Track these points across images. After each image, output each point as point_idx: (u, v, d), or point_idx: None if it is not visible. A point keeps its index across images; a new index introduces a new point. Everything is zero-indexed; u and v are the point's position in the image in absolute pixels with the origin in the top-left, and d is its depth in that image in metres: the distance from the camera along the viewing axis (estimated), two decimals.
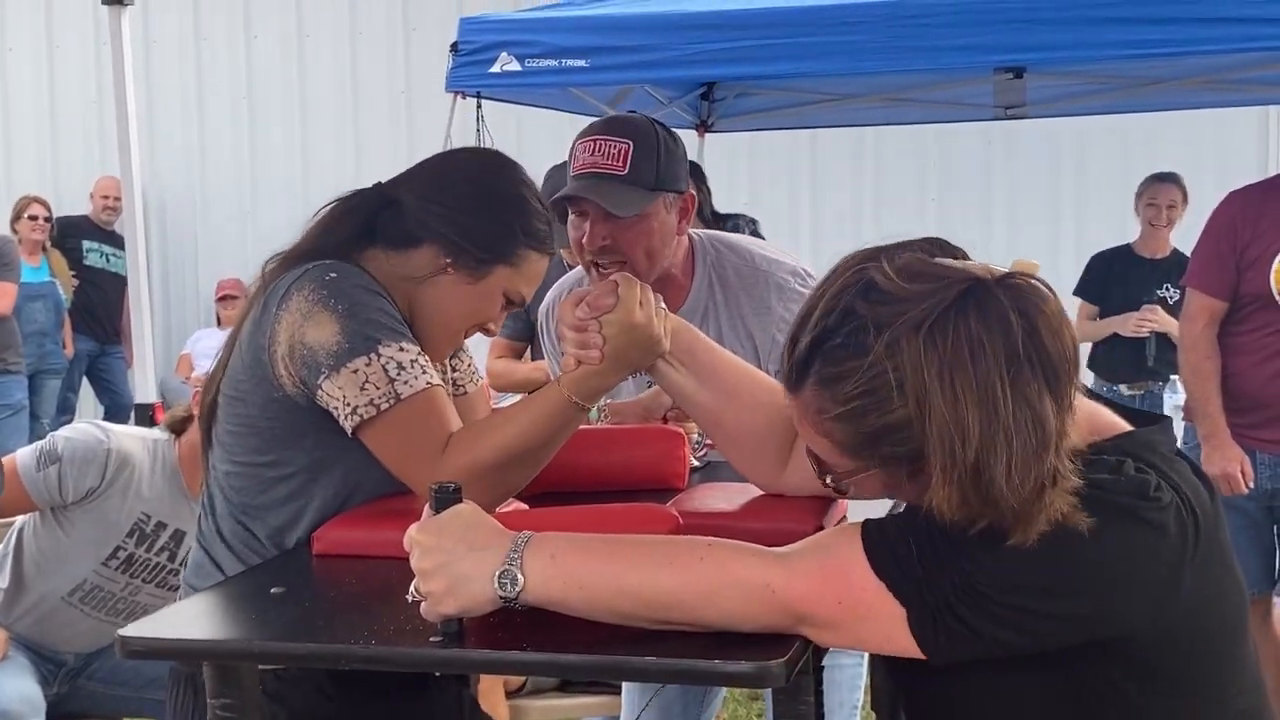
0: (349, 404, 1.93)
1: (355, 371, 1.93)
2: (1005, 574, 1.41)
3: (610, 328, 1.92)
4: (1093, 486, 1.43)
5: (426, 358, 2.01)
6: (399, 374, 1.94)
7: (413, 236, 2.09)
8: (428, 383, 1.96)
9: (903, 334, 1.40)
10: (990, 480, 1.38)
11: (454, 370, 2.34)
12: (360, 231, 2.11)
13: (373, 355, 1.94)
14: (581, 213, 2.68)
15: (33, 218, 8.46)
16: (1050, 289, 1.46)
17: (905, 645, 1.45)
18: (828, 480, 1.56)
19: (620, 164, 2.64)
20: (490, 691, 3.65)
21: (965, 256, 1.50)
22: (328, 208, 2.16)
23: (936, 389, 1.39)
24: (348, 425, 1.95)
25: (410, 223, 2.09)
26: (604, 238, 2.65)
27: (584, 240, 2.68)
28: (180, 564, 3.33)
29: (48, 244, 8.55)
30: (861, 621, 1.46)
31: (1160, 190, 6.10)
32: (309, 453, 2.03)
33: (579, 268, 2.89)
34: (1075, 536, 1.40)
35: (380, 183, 2.18)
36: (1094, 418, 1.57)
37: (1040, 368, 1.40)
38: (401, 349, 1.96)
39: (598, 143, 2.67)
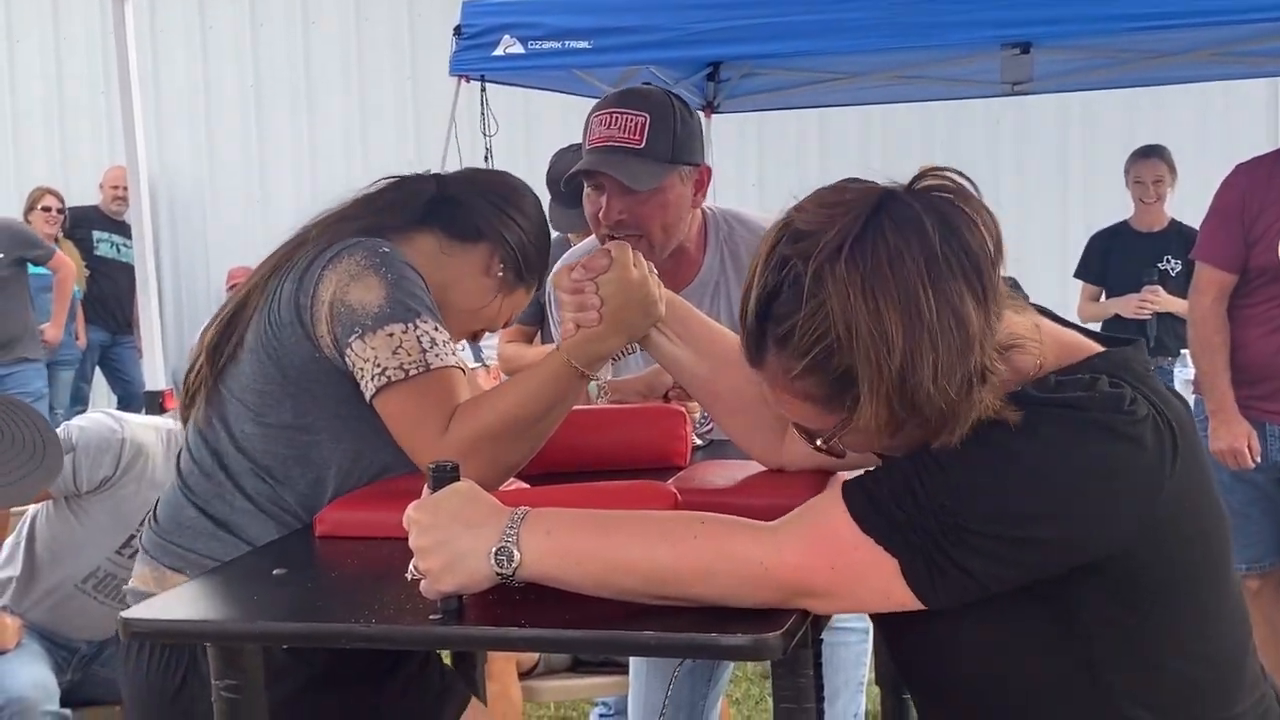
0: (379, 364, 1.95)
1: (391, 335, 1.96)
2: (987, 505, 1.41)
3: (607, 287, 1.93)
4: (1066, 405, 1.43)
5: (454, 345, 2.04)
6: (432, 347, 1.97)
7: (479, 233, 2.20)
8: (456, 363, 1.99)
9: (824, 262, 1.41)
10: (916, 385, 1.39)
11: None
12: (421, 213, 2.19)
13: (410, 325, 1.97)
14: (598, 186, 2.67)
15: (46, 209, 8.50)
16: (969, 182, 1.46)
17: (903, 598, 1.45)
18: (819, 444, 1.55)
19: (637, 137, 2.63)
20: (503, 672, 3.66)
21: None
22: (386, 182, 2.24)
23: (860, 306, 1.39)
24: (371, 386, 1.97)
25: (479, 220, 2.20)
26: (620, 212, 2.64)
27: (600, 214, 2.68)
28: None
29: (60, 235, 8.58)
30: (857, 582, 1.45)
31: (1145, 167, 6.10)
32: (345, 422, 2.05)
33: (590, 238, 2.89)
34: (1052, 458, 1.40)
35: (438, 174, 2.29)
36: (1063, 340, 1.56)
37: (960, 266, 1.41)
38: (436, 329, 2.00)
39: (614, 115, 2.66)
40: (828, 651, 2.76)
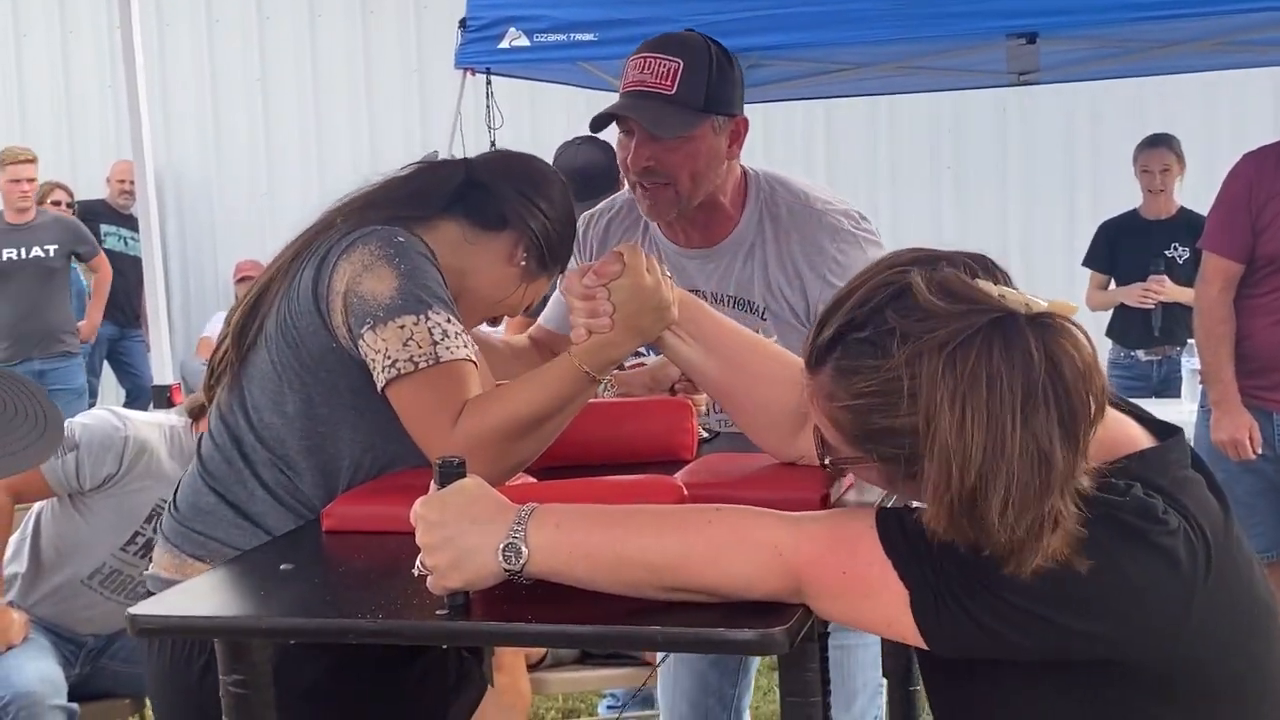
0: (389, 356, 1.95)
1: (402, 327, 1.96)
2: (1019, 583, 1.40)
3: (620, 293, 1.92)
4: (1101, 505, 1.42)
5: (469, 336, 2.03)
6: (443, 338, 1.97)
7: (504, 221, 2.20)
8: (467, 355, 1.98)
9: (925, 350, 1.40)
10: (985, 510, 1.37)
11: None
12: (448, 201, 2.19)
13: (422, 316, 1.97)
14: (628, 131, 2.64)
15: (55, 203, 8.51)
16: (1084, 333, 1.44)
17: (905, 629, 1.45)
18: (827, 461, 1.57)
19: (668, 83, 2.58)
20: (512, 665, 3.66)
21: (1008, 281, 1.49)
22: (415, 167, 2.25)
23: (946, 410, 1.38)
24: (382, 377, 1.97)
25: (505, 209, 2.20)
26: (648, 158, 2.61)
27: (629, 160, 2.65)
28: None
29: None
30: (863, 596, 1.45)
31: (1152, 156, 6.09)
32: (360, 412, 2.05)
33: (625, 191, 2.87)
34: (1089, 554, 1.40)
35: (465, 159, 2.29)
36: (1108, 433, 1.53)
37: (1057, 409, 1.38)
38: (449, 320, 1.99)
39: (647, 60, 2.62)
40: (846, 654, 2.77)
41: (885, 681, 2.35)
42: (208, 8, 9.71)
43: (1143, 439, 1.57)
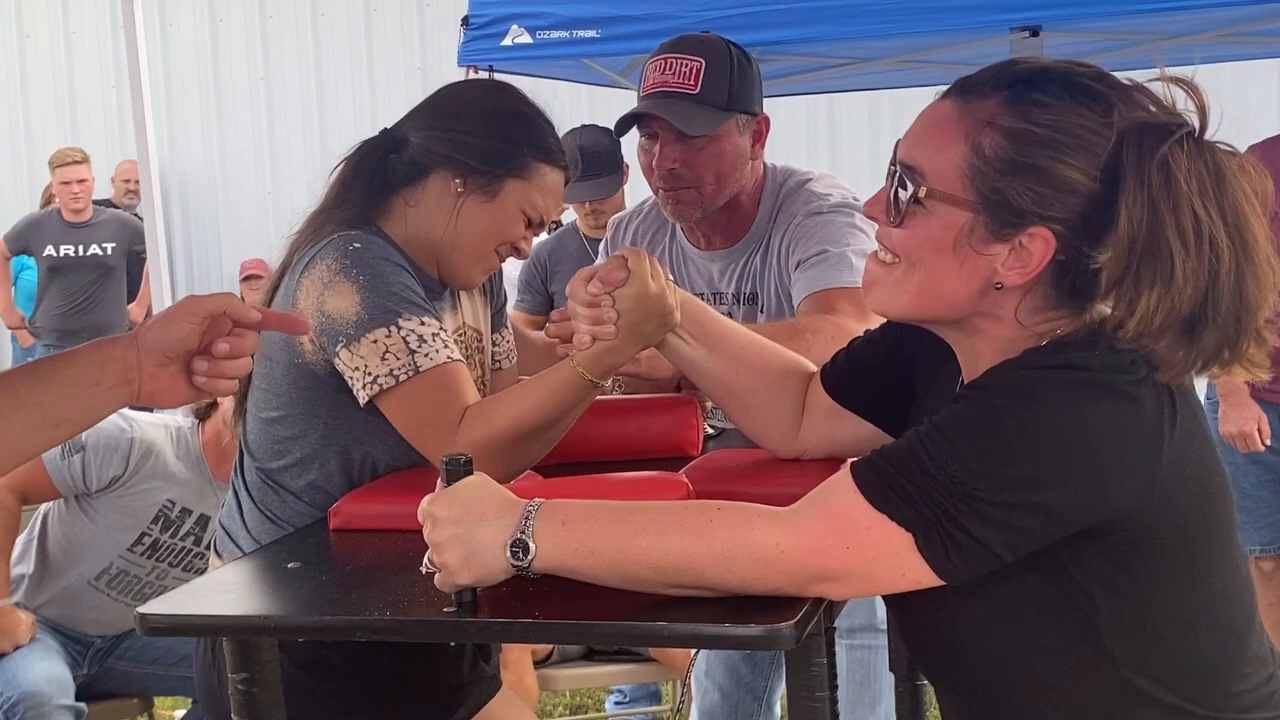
0: (369, 373, 1.95)
1: (375, 342, 1.95)
2: (994, 471, 1.41)
3: (624, 301, 1.90)
4: (1067, 366, 1.44)
5: (447, 333, 2.02)
6: (420, 346, 1.96)
7: (422, 166, 2.13)
8: (448, 357, 1.98)
9: (1156, 126, 1.45)
10: (1226, 293, 1.43)
11: (494, 345, 2.37)
12: (377, 182, 2.14)
13: (393, 327, 1.96)
14: (651, 134, 2.62)
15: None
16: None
17: (919, 574, 1.45)
18: (896, 192, 1.54)
19: (692, 82, 2.56)
20: (519, 661, 3.67)
21: None
22: (340, 165, 2.20)
23: (1196, 196, 1.42)
24: (364, 394, 1.97)
25: (418, 154, 2.13)
26: (674, 160, 2.59)
27: (654, 163, 2.62)
28: (206, 548, 3.36)
29: None
30: (874, 561, 1.45)
31: None
32: (324, 421, 2.07)
33: (651, 197, 2.84)
34: (1055, 421, 1.41)
35: (386, 128, 2.22)
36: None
37: (1251, 211, 1.47)
38: (423, 323, 1.98)
39: (668, 61, 2.60)
40: (873, 654, 2.77)
41: (892, 676, 2.35)
42: (210, 7, 9.71)
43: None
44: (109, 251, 7.94)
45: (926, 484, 1.43)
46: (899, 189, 1.54)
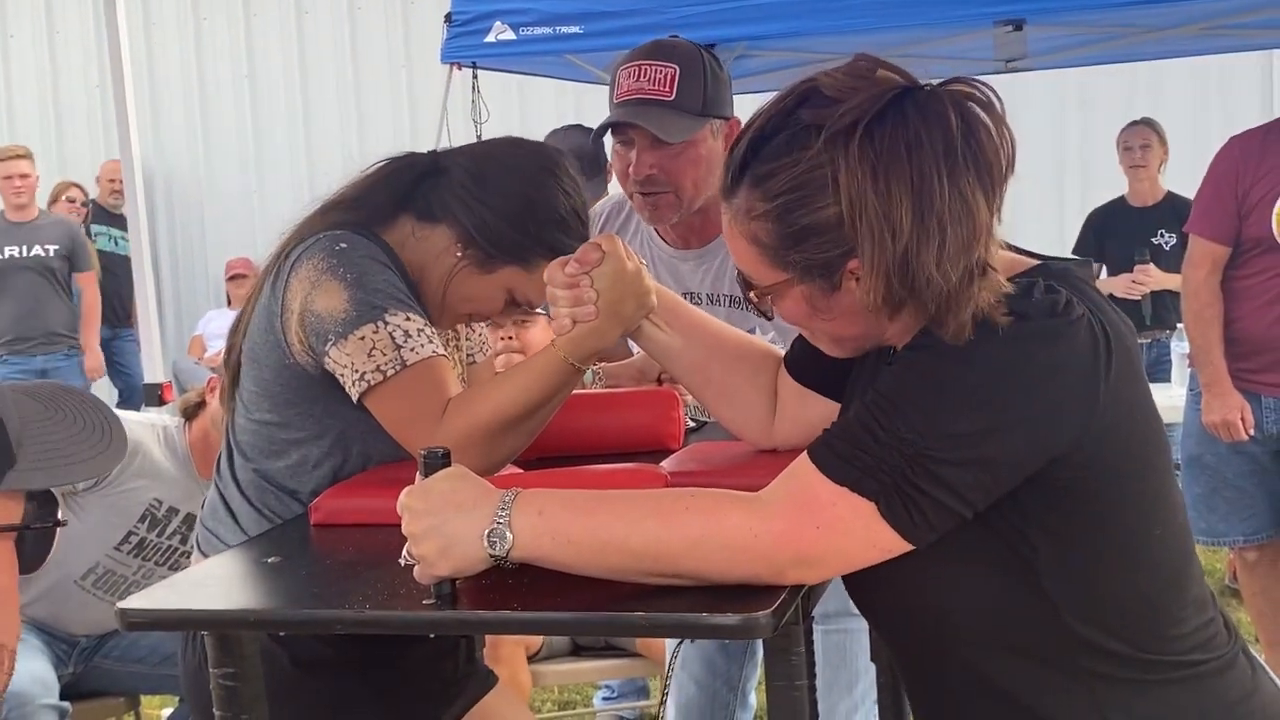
0: (356, 370, 1.96)
1: (363, 339, 1.95)
2: (942, 428, 1.43)
3: (602, 281, 1.91)
4: (1006, 311, 1.45)
5: (432, 328, 2.03)
6: (405, 341, 1.96)
7: (435, 215, 2.12)
8: (433, 351, 1.98)
9: (840, 130, 1.46)
10: (919, 267, 1.44)
11: (466, 339, 2.36)
12: (402, 196, 2.14)
13: (379, 323, 1.96)
14: (627, 141, 2.62)
15: (70, 200, 8.57)
16: (994, 92, 1.51)
17: (889, 541, 1.46)
18: (752, 296, 1.61)
19: (666, 89, 2.57)
20: (512, 657, 3.67)
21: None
22: (380, 164, 2.19)
23: (869, 184, 1.44)
24: (355, 391, 1.97)
25: (439, 201, 2.11)
26: (651, 166, 2.59)
27: (630, 169, 2.62)
28: (192, 547, 3.36)
29: (86, 227, 8.65)
30: (843, 536, 1.46)
31: (1131, 134, 6.18)
32: (319, 420, 2.07)
33: (618, 193, 2.84)
34: (995, 370, 1.43)
35: (437, 150, 2.22)
36: (1009, 258, 1.59)
37: (975, 164, 1.47)
38: (408, 318, 1.98)
39: (642, 68, 2.60)
40: (848, 638, 2.78)
41: (873, 666, 2.35)
42: (194, 6, 9.70)
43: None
44: (51, 254, 7.72)
45: (880, 451, 1.44)
46: (746, 295, 1.63)
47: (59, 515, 1.17)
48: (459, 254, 2.11)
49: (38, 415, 1.15)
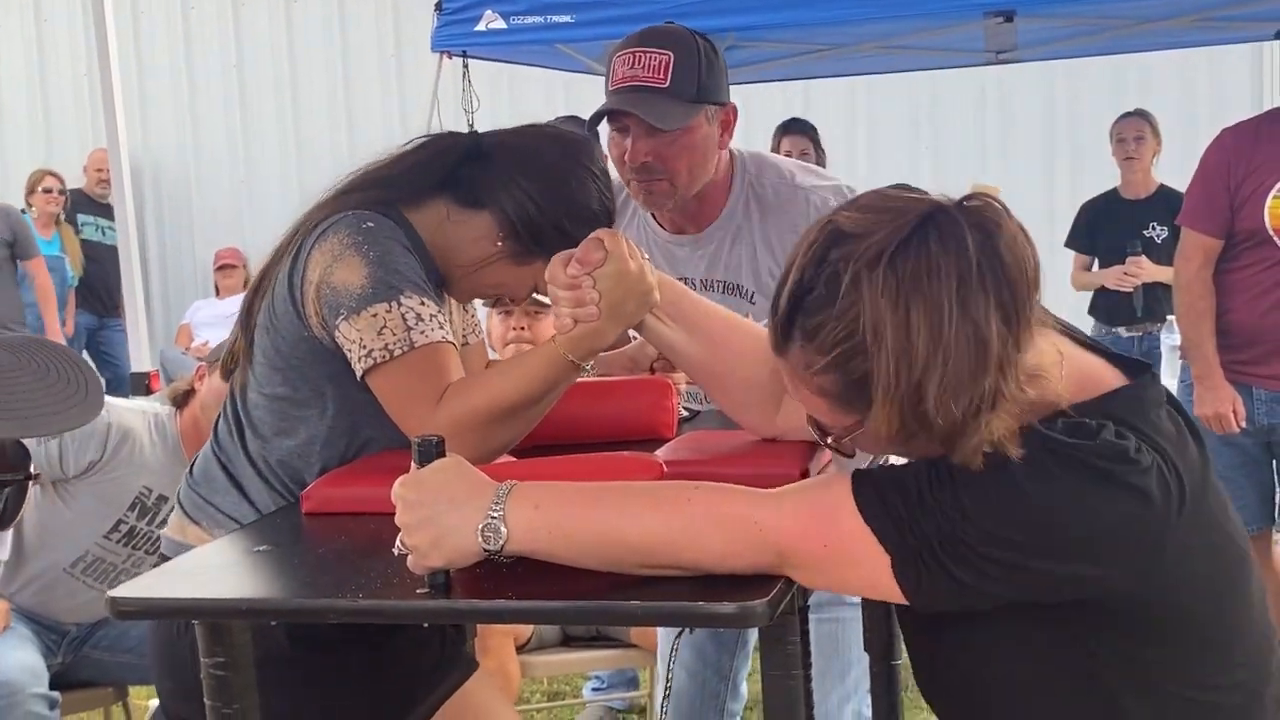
0: (365, 346, 1.96)
1: (375, 316, 1.95)
2: (988, 528, 1.42)
3: (604, 281, 1.90)
4: (1072, 449, 1.43)
5: (444, 316, 2.03)
6: (417, 324, 1.96)
7: (480, 201, 2.13)
8: (442, 337, 1.98)
9: (864, 267, 1.42)
10: (926, 398, 1.40)
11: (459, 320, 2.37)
12: (442, 178, 2.14)
13: (394, 303, 1.96)
14: (622, 128, 2.62)
15: (47, 190, 8.52)
16: (1007, 209, 1.47)
17: (890, 592, 1.46)
18: (829, 442, 1.56)
19: (661, 76, 2.56)
20: (500, 647, 3.67)
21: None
22: (419, 143, 2.18)
23: (889, 315, 1.40)
24: (360, 367, 1.97)
25: (484, 186, 2.12)
26: (646, 153, 2.59)
27: (625, 156, 2.62)
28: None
29: (61, 218, 8.60)
30: (847, 566, 1.46)
31: (1126, 125, 6.17)
32: (331, 399, 2.07)
33: (615, 179, 2.84)
34: (1060, 498, 1.41)
35: (477, 131, 2.22)
36: (1083, 373, 1.56)
37: (993, 285, 1.42)
38: (422, 303, 1.98)
39: (636, 55, 2.59)
40: (840, 627, 2.78)
41: (865, 655, 2.36)
42: None
43: (1114, 379, 1.58)
44: None
45: (919, 514, 1.43)
46: (824, 440, 1.58)
47: (31, 469, 1.15)
48: (499, 243, 2.13)
49: (8, 365, 1.14)
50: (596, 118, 2.62)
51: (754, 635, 3.11)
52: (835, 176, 2.80)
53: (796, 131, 6.16)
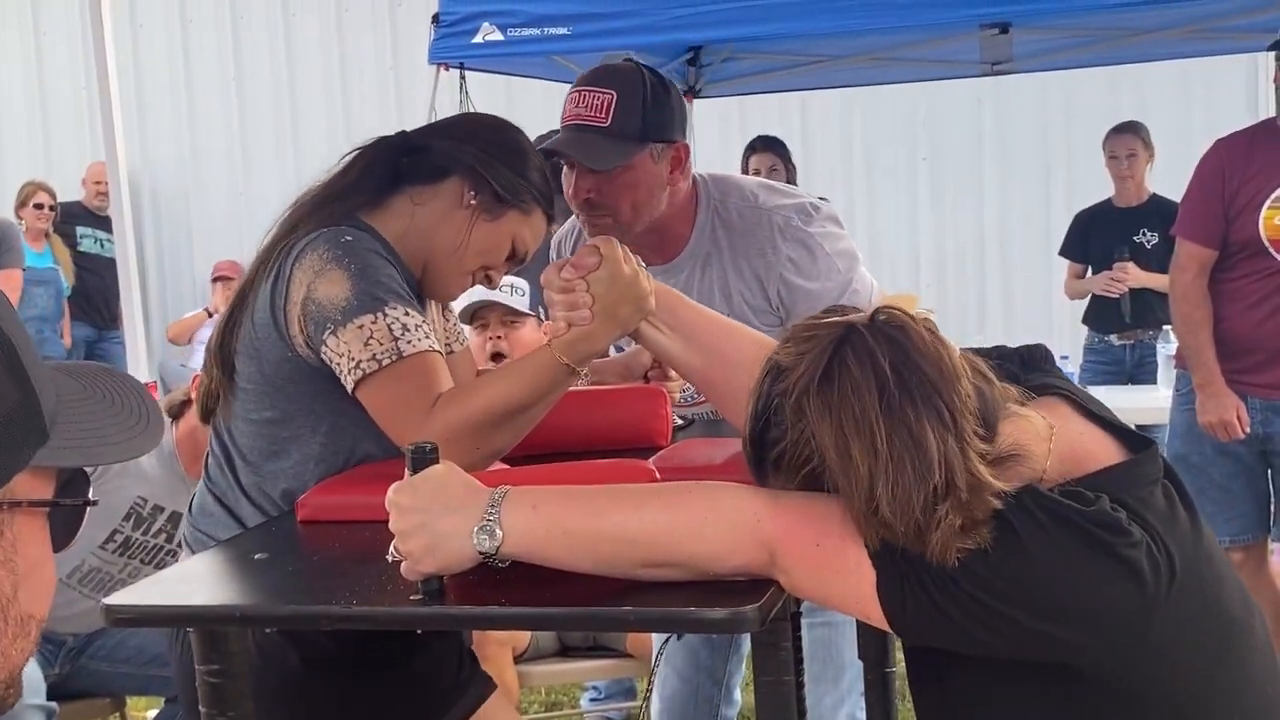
0: (353, 358, 1.96)
1: (361, 328, 1.96)
2: (981, 574, 1.43)
3: (598, 285, 1.93)
4: (1070, 512, 1.45)
5: (430, 326, 2.04)
6: (403, 333, 1.97)
7: (443, 169, 2.17)
8: (430, 346, 1.99)
9: (799, 396, 1.50)
10: (878, 507, 1.44)
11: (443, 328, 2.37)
12: (392, 174, 2.17)
13: (379, 314, 1.97)
14: (570, 164, 2.66)
15: (38, 206, 8.49)
16: (913, 318, 1.53)
17: (871, 609, 1.48)
18: None
19: (603, 115, 2.60)
20: (498, 657, 3.67)
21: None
22: (353, 153, 2.22)
23: (829, 438, 1.47)
24: (349, 380, 1.98)
25: (442, 158, 2.18)
26: (588, 190, 2.62)
27: (570, 192, 2.66)
28: (178, 545, 3.35)
29: (50, 231, 8.58)
30: (833, 572, 1.48)
31: (1118, 142, 6.16)
32: (320, 416, 2.07)
33: (574, 218, 2.88)
34: (1057, 561, 1.43)
35: (405, 130, 2.27)
36: (1076, 448, 1.58)
37: (917, 389, 1.46)
38: (407, 313, 1.99)
39: (582, 94, 2.64)
40: (833, 631, 2.79)
41: (854, 653, 2.36)
42: (181, 8, 9.67)
43: (1114, 453, 1.59)
44: None
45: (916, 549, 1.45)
46: None
47: (89, 495, 1.18)
48: (472, 201, 2.16)
49: (76, 394, 1.16)
50: (545, 154, 2.67)
51: (747, 641, 3.11)
52: (800, 193, 2.81)
53: (764, 149, 6.17)
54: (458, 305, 2.83)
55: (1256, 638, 1.59)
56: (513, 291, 3.55)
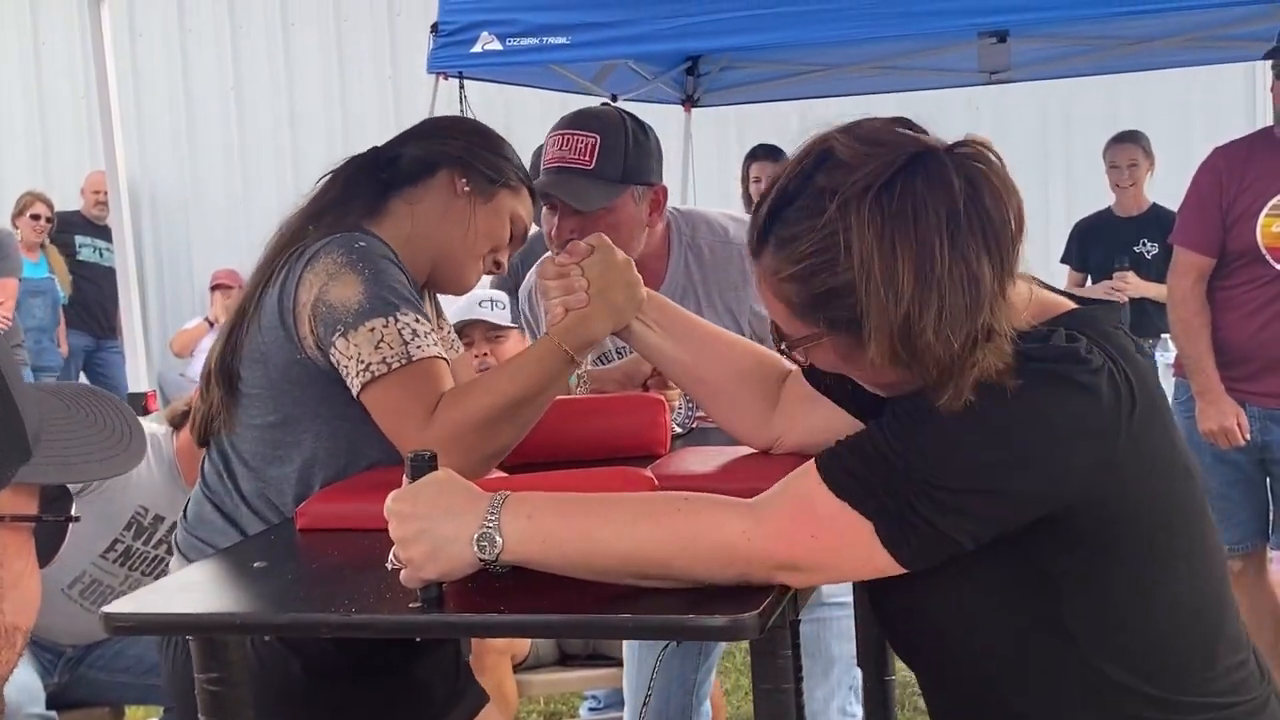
0: (362, 360, 1.98)
1: (372, 330, 1.98)
2: (953, 461, 1.44)
3: (593, 268, 1.96)
4: (1021, 356, 1.46)
5: (438, 334, 2.06)
6: (413, 338, 1.99)
7: (430, 166, 2.22)
8: (437, 353, 2.01)
9: (852, 196, 1.47)
10: (920, 333, 1.44)
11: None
12: (374, 189, 2.22)
13: (391, 319, 1.99)
14: (552, 205, 2.72)
15: (35, 217, 8.49)
16: (998, 156, 1.51)
17: (882, 562, 1.47)
18: (784, 347, 1.63)
19: (586, 158, 2.67)
20: (497, 666, 3.66)
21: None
22: (329, 176, 2.26)
23: (875, 248, 1.45)
24: (357, 382, 1.99)
25: (423, 155, 2.24)
26: (571, 231, 2.65)
27: (553, 233, 2.72)
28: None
29: (46, 241, 8.58)
30: (838, 550, 1.47)
31: (1119, 151, 6.17)
32: (325, 420, 2.08)
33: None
34: (1011, 408, 1.43)
35: (375, 146, 2.32)
36: (1044, 302, 1.59)
37: (981, 229, 1.46)
38: (417, 320, 2.02)
39: (565, 137, 2.71)
40: (821, 626, 2.80)
41: (860, 673, 2.36)
42: (180, 17, 9.69)
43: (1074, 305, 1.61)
44: None
45: (887, 473, 1.45)
46: (779, 346, 1.65)
47: (72, 511, 1.19)
48: (466, 188, 2.21)
49: (59, 414, 1.18)
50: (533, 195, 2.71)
51: (717, 650, 3.12)
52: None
53: (765, 157, 6.20)
54: None
55: (1198, 502, 1.59)
56: (493, 306, 3.59)
